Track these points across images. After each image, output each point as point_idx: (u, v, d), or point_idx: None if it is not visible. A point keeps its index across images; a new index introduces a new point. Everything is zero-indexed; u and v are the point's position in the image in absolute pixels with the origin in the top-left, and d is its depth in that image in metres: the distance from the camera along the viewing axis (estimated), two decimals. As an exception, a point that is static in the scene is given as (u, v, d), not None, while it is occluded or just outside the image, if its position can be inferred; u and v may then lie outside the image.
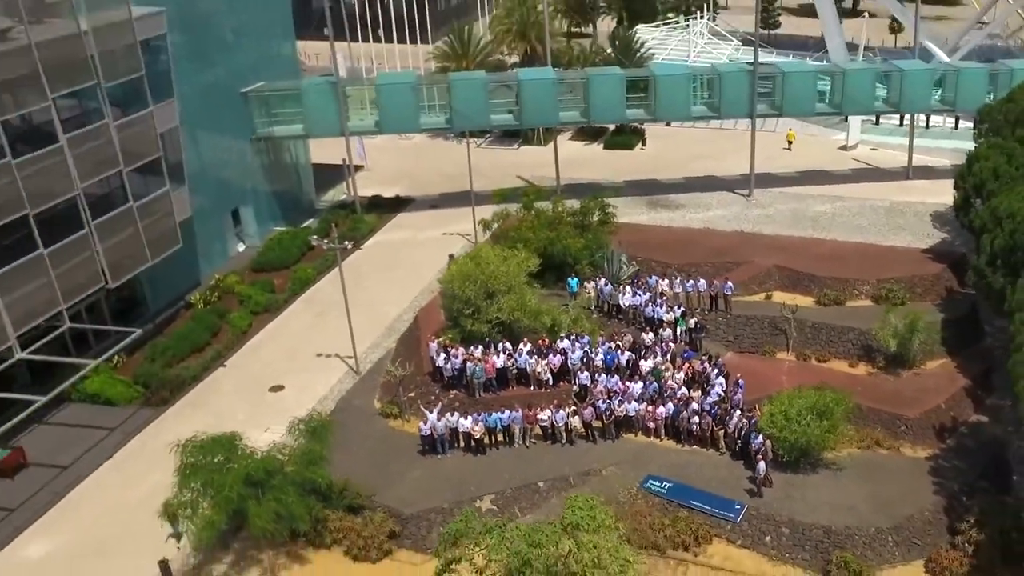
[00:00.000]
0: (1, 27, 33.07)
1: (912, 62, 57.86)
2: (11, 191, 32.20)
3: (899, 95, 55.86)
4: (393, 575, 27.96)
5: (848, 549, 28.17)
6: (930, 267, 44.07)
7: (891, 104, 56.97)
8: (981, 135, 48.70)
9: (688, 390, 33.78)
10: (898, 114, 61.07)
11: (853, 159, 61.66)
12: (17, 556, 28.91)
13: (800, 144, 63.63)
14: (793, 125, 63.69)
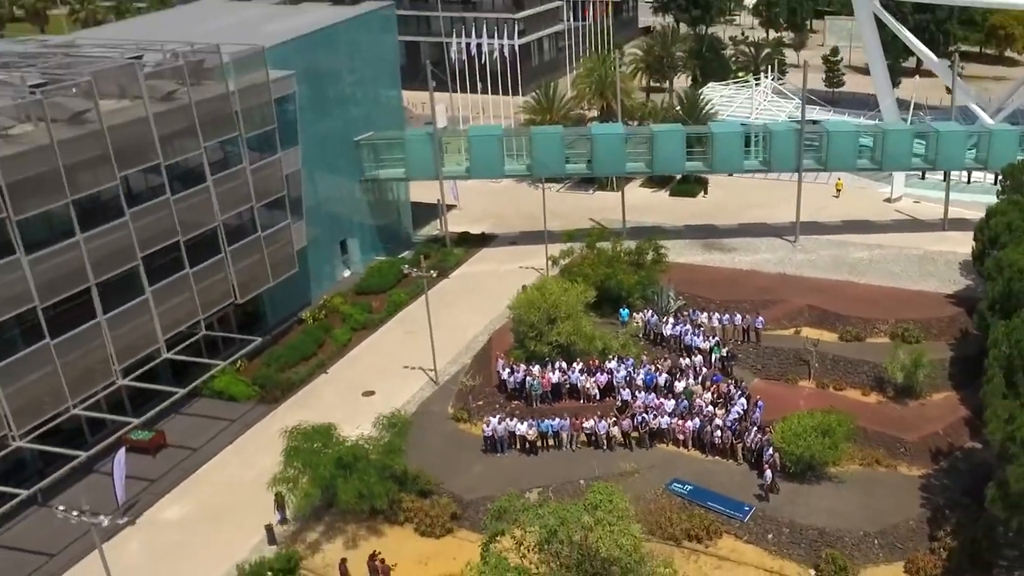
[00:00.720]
0: (169, 89, 38.06)
1: (948, 123, 59.67)
2: (168, 221, 37.05)
3: (935, 153, 57.53)
4: (453, 550, 31.64)
5: (837, 548, 30.94)
6: (948, 310, 46.00)
7: (928, 161, 58.48)
8: (1003, 191, 50.57)
9: (714, 408, 36.92)
10: (936, 171, 62.66)
11: (896, 211, 62.91)
12: (157, 517, 33.70)
13: (848, 194, 65.42)
14: (843, 175, 65.37)
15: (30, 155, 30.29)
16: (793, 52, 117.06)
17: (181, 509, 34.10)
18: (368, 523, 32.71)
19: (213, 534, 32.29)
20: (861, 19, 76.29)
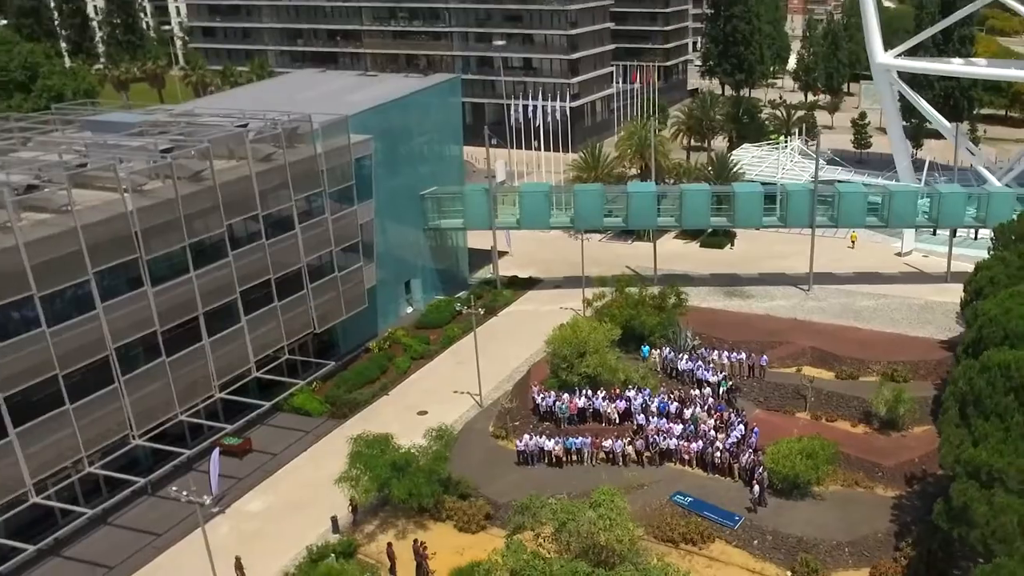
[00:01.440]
0: (268, 152, 43.06)
1: (951, 185, 62.54)
2: (262, 262, 41.85)
3: (938, 212, 60.61)
4: (486, 544, 35.26)
5: (812, 554, 34.21)
6: (938, 354, 48.70)
7: (931, 220, 61.38)
8: (994, 248, 53.20)
9: (715, 433, 40.44)
10: (940, 228, 65.10)
11: (905, 263, 65.51)
12: (243, 508, 38.26)
13: (862, 247, 68.24)
14: (858, 230, 68.15)
15: (159, 207, 35.55)
16: (828, 115, 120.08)
17: (263, 502, 38.68)
18: (415, 519, 36.81)
19: (288, 523, 36.72)
20: (881, 89, 79.29)
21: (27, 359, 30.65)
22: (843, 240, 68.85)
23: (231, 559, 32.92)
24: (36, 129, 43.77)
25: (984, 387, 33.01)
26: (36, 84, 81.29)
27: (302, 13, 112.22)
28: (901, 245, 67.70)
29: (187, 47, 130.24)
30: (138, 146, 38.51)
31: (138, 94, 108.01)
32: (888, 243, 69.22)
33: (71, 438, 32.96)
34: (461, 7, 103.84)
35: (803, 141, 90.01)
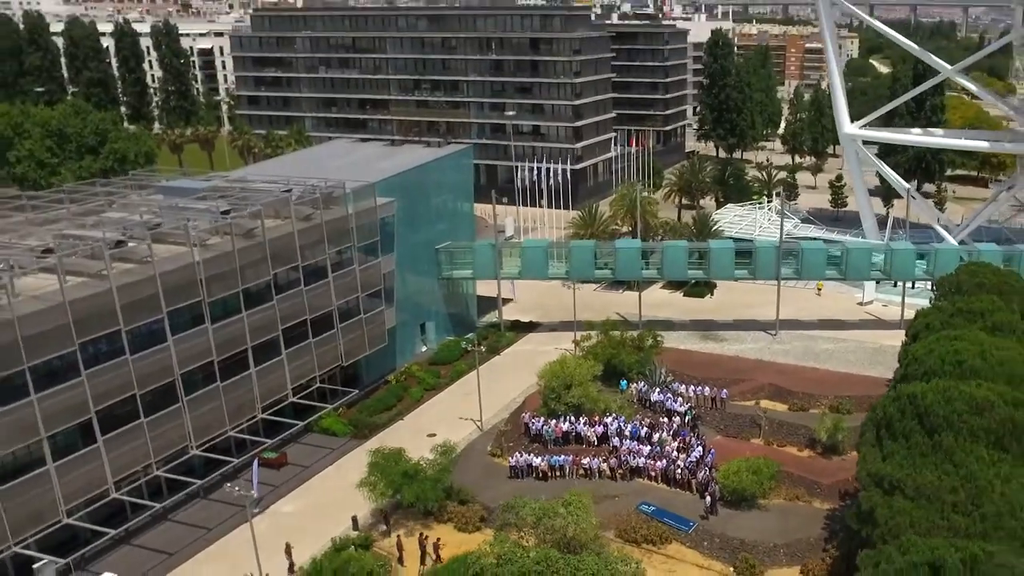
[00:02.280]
0: (308, 212, 49.08)
1: (902, 243, 67.74)
2: (300, 305, 47.50)
3: (890, 267, 65.86)
4: (480, 541, 40.60)
5: (752, 554, 39.20)
6: (882, 390, 51.44)
7: (884, 273, 66.24)
8: (935, 297, 58.12)
9: (677, 453, 45.61)
10: (893, 280, 69.68)
11: (866, 312, 69.92)
12: (279, 509, 43.44)
13: (828, 296, 72.79)
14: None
15: (219, 259, 41.52)
16: (811, 176, 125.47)
17: (295, 505, 43.96)
18: (422, 520, 41.84)
19: (316, 521, 41.83)
20: (847, 156, 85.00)
21: (114, 381, 36.56)
22: (811, 290, 73.84)
23: (270, 550, 38.10)
24: (118, 193, 50.26)
25: (895, 414, 38.09)
26: (104, 147, 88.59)
27: (336, 84, 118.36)
28: (863, 295, 72.59)
29: (233, 111, 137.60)
30: (203, 208, 44.66)
31: (191, 155, 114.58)
32: (851, 293, 73.53)
33: (143, 446, 38.73)
34: (477, 80, 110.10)
35: (784, 201, 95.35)
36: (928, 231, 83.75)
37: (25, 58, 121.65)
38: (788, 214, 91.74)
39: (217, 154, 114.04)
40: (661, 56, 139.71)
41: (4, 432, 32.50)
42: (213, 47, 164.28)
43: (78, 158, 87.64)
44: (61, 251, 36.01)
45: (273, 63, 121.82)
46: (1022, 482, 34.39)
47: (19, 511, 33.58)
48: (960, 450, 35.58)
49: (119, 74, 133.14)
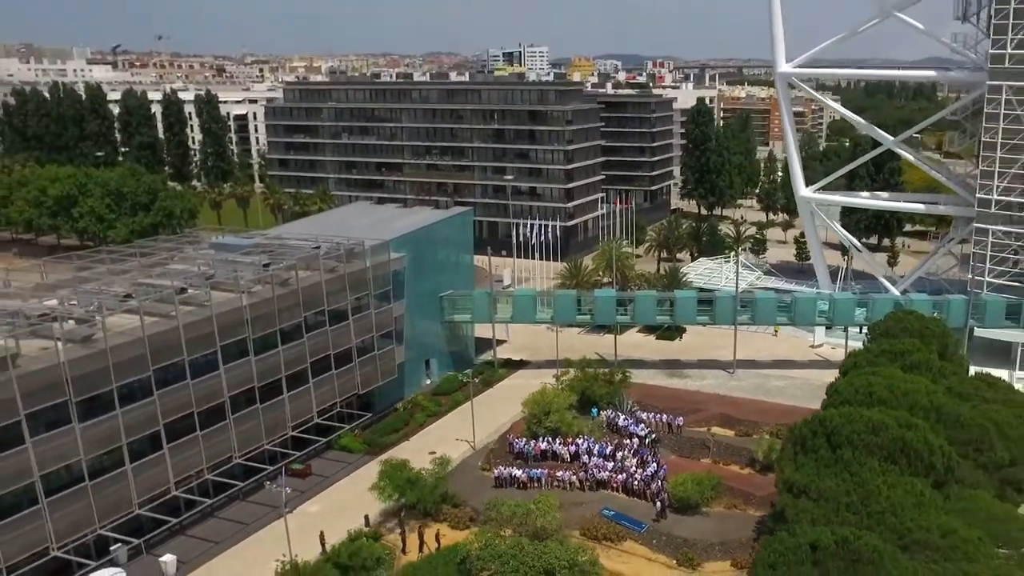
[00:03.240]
0: (333, 265, 56.17)
1: (844, 293, 74.46)
2: (324, 342, 53.97)
3: (833, 313, 72.50)
4: (469, 535, 46.98)
5: (692, 549, 45.42)
6: None
7: (828, 319, 73.03)
8: (867, 340, 64.51)
9: (635, 469, 52.02)
10: (836, 326, 75.84)
11: (816, 354, 75.98)
12: (305, 511, 49.62)
13: (783, 339, 78.90)
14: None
15: (261, 303, 48.49)
16: (781, 231, 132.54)
17: (318, 507, 50.29)
18: (421, 519, 48.03)
19: (335, 519, 47.92)
20: (803, 216, 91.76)
21: (178, 400, 43.45)
22: (770, 334, 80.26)
23: (298, 541, 44.21)
24: (177, 248, 57.75)
25: (808, 433, 44.39)
26: (155, 205, 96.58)
27: (356, 149, 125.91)
28: (814, 338, 79.06)
29: (264, 171, 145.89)
30: (248, 262, 51.90)
31: (228, 211, 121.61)
32: (805, 337, 80.00)
33: (198, 454, 45.48)
34: (481, 146, 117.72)
35: (751, 255, 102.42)
36: (875, 281, 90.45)
37: (86, 125, 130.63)
38: (751, 266, 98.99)
39: (251, 211, 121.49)
40: (648, 123, 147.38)
41: (96, 438, 39.35)
42: (247, 113, 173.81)
43: (132, 214, 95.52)
44: (139, 296, 43.24)
45: (302, 130, 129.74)
46: (905, 488, 40.52)
47: (104, 502, 40.27)
48: (856, 462, 41.87)
49: (165, 137, 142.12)
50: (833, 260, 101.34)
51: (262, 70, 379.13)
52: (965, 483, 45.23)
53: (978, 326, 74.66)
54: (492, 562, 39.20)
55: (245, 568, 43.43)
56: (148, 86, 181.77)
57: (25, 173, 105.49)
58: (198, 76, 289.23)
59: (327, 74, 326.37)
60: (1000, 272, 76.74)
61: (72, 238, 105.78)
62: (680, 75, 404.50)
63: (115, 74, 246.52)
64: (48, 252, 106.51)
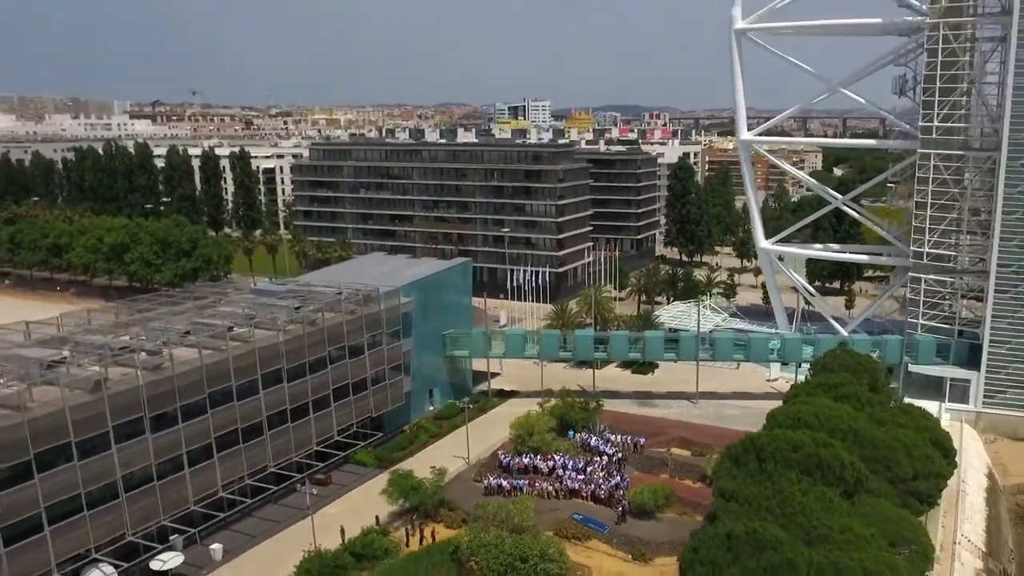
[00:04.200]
0: (352, 308, 63.81)
1: (794, 334, 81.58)
2: (344, 373, 61.41)
3: (784, 351, 79.73)
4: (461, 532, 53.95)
5: (646, 547, 52.15)
6: None
7: (780, 355, 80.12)
8: (809, 375, 71.32)
9: (602, 481, 58.99)
10: (787, 362, 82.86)
11: (771, 387, 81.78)
12: (326, 512, 56.40)
13: (744, 373, 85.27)
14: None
15: (294, 339, 56.08)
16: (753, 276, 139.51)
17: (337, 508, 57.17)
18: (422, 520, 55.07)
19: (351, 519, 54.74)
20: (763, 266, 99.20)
21: (226, 418, 50.93)
22: (733, 369, 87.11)
23: (321, 536, 51.24)
24: (224, 294, 65.67)
25: (741, 451, 51.33)
26: (196, 252, 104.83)
27: (372, 202, 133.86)
28: (770, 373, 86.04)
29: (289, 220, 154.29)
30: (283, 305, 59.73)
31: (258, 257, 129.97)
32: (763, 372, 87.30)
33: (240, 463, 52.82)
34: (483, 200, 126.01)
35: (720, 299, 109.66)
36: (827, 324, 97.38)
37: (135, 178, 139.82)
38: (719, 309, 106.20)
39: (279, 256, 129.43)
40: (635, 178, 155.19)
41: (163, 447, 46.79)
42: (275, 167, 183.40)
43: (176, 260, 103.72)
44: (197, 333, 51.02)
45: (325, 185, 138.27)
46: (816, 495, 47.18)
47: (167, 499, 47.58)
48: (777, 474, 48.56)
49: (202, 189, 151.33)
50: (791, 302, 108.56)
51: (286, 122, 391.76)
52: (874, 493, 51.80)
53: (912, 363, 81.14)
54: (478, 551, 46.26)
55: (278, 556, 50.40)
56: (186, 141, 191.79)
57: (83, 222, 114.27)
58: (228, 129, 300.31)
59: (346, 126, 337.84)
60: (932, 315, 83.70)
61: (122, 280, 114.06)
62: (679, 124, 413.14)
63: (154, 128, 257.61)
64: (101, 293, 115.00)
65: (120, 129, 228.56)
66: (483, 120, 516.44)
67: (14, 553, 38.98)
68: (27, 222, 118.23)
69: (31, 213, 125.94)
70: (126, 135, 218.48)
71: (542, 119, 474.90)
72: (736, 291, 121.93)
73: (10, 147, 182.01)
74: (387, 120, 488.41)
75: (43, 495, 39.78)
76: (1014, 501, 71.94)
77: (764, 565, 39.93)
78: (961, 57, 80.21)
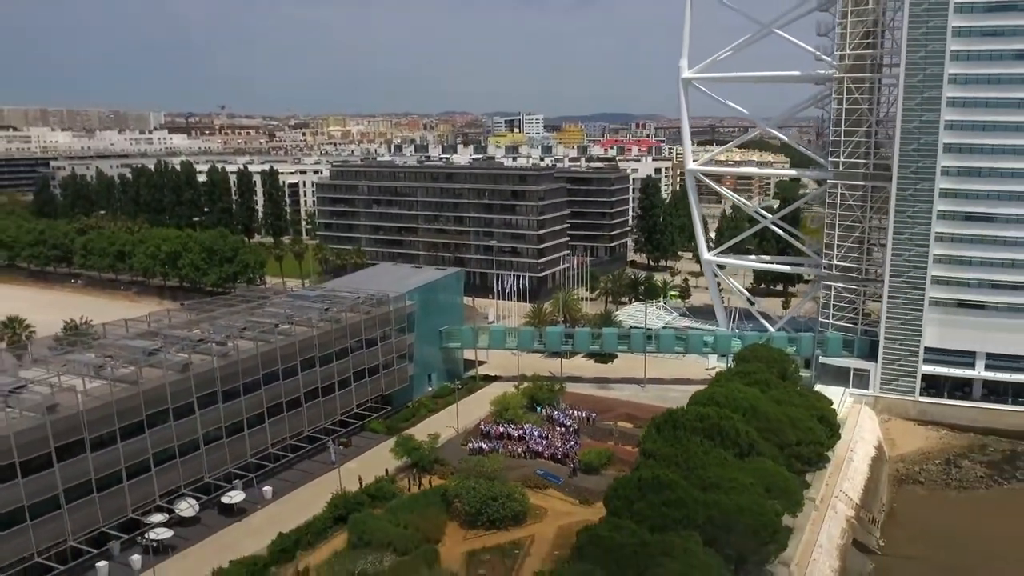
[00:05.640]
0: (368, 308, 75.98)
1: (724, 330, 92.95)
2: (362, 360, 72.59)
3: (716, 345, 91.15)
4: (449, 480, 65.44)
5: (590, 495, 63.56)
6: None
7: (713, 349, 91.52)
8: (733, 364, 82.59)
9: (559, 445, 70.56)
10: (719, 355, 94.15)
11: (709, 374, 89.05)
12: (347, 467, 67.44)
13: (688, 363, 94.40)
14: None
15: (324, 334, 67.56)
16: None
17: (356, 464, 68.00)
18: (420, 472, 66.01)
19: (367, 471, 65.49)
20: (706, 275, 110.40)
21: (274, 393, 62.57)
22: (679, 358, 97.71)
23: (345, 483, 62.62)
24: (267, 297, 77.23)
25: (662, 421, 62.54)
26: (236, 258, 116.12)
27: (383, 216, 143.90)
28: (708, 362, 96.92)
29: (312, 230, 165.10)
30: (315, 307, 71.26)
31: (287, 262, 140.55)
32: (703, 362, 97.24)
33: (283, 427, 64.44)
34: (475, 215, 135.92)
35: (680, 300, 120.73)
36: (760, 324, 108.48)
37: (181, 193, 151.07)
38: (671, 309, 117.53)
39: (304, 262, 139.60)
40: (608, 193, 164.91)
41: (229, 414, 58.44)
42: (298, 182, 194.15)
43: (220, 265, 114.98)
44: (251, 329, 62.67)
45: (343, 201, 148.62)
46: (715, 455, 57.56)
47: (232, 452, 59.28)
48: (686, 439, 59.46)
49: (237, 202, 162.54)
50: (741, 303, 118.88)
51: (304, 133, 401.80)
52: (764, 455, 62.84)
53: (823, 355, 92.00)
54: (461, 493, 57.94)
55: (312, 497, 61.81)
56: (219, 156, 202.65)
57: (143, 233, 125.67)
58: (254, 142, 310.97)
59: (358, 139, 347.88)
60: (840, 316, 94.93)
61: (174, 281, 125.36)
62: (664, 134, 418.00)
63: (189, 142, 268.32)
64: (157, 292, 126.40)
65: (160, 143, 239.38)
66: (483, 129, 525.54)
67: (134, 485, 50.67)
68: (96, 232, 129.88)
69: (98, 224, 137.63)
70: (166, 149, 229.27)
71: (536, 131, 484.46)
72: (691, 292, 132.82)
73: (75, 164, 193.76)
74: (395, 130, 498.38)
75: (151, 445, 51.43)
76: (895, 467, 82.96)
77: (663, 500, 51.29)
78: (862, 104, 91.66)
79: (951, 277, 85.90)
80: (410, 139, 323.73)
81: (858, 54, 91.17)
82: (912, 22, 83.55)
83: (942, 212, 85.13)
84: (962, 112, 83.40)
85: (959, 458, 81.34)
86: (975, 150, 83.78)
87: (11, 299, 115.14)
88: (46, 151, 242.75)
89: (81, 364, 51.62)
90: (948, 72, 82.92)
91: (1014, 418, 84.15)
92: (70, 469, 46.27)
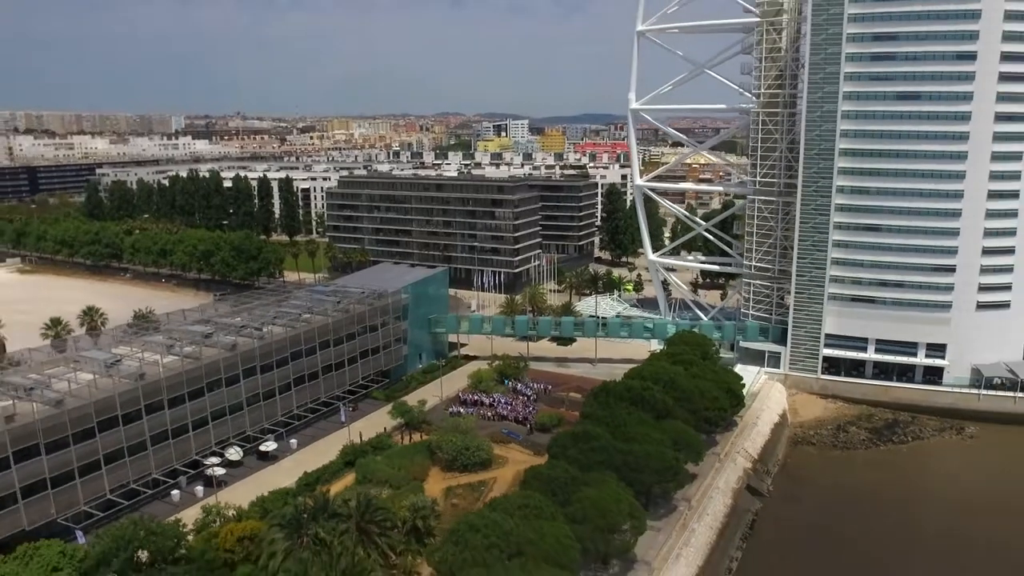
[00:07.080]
0: (371, 301, 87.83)
1: (665, 319, 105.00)
2: (367, 343, 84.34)
3: (654, 331, 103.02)
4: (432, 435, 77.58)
5: (542, 448, 75.80)
6: None
7: (652, 334, 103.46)
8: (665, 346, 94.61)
9: (520, 409, 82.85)
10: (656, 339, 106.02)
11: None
12: (355, 427, 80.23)
13: (636, 346, 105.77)
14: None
15: (337, 322, 79.08)
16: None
17: (361, 425, 79.35)
18: (411, 431, 78.17)
19: (370, 428, 77.45)
20: (652, 272, 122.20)
21: (299, 367, 74.22)
22: (627, 342, 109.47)
23: (354, 438, 74.45)
24: (290, 292, 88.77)
25: (600, 392, 74.22)
26: (260, 256, 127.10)
27: (383, 220, 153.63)
28: (651, 346, 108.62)
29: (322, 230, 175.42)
30: (329, 300, 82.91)
31: (301, 259, 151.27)
32: (647, 345, 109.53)
33: (306, 394, 76.11)
34: (461, 220, 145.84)
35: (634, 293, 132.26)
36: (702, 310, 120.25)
37: (211, 199, 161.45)
38: (623, 301, 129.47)
39: (317, 258, 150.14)
40: (577, 199, 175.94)
41: (266, 383, 70.21)
42: (309, 187, 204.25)
43: (245, 262, 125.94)
44: (280, 317, 74.38)
45: (349, 207, 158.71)
46: (637, 418, 68.38)
47: (267, 412, 71.13)
48: (615, 405, 70.75)
49: (258, 205, 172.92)
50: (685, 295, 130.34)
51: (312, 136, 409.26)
52: (677, 418, 73.84)
53: (743, 340, 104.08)
54: (442, 444, 70.07)
55: (328, 447, 73.60)
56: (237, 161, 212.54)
57: (181, 234, 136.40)
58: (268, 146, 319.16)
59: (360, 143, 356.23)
60: (758, 307, 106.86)
61: (207, 275, 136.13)
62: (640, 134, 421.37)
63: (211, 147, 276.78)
64: (193, 284, 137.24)
65: (184, 148, 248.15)
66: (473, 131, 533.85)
67: (197, 435, 62.67)
68: (142, 233, 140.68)
69: (143, 226, 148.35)
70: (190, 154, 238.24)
71: (521, 134, 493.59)
72: (643, 286, 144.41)
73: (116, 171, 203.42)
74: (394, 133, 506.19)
75: (209, 405, 63.26)
76: (794, 432, 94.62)
77: (590, 447, 63.32)
78: (775, 134, 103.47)
79: (846, 276, 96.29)
80: (407, 143, 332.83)
81: (771, 92, 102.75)
82: (812, 68, 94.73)
83: (838, 223, 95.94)
84: (853, 141, 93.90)
85: (848, 425, 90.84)
86: (864, 172, 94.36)
87: (76, 289, 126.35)
88: (87, 157, 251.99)
89: (156, 344, 63.31)
90: (841, 108, 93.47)
91: (897, 392, 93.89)
92: (153, 421, 58.14)
